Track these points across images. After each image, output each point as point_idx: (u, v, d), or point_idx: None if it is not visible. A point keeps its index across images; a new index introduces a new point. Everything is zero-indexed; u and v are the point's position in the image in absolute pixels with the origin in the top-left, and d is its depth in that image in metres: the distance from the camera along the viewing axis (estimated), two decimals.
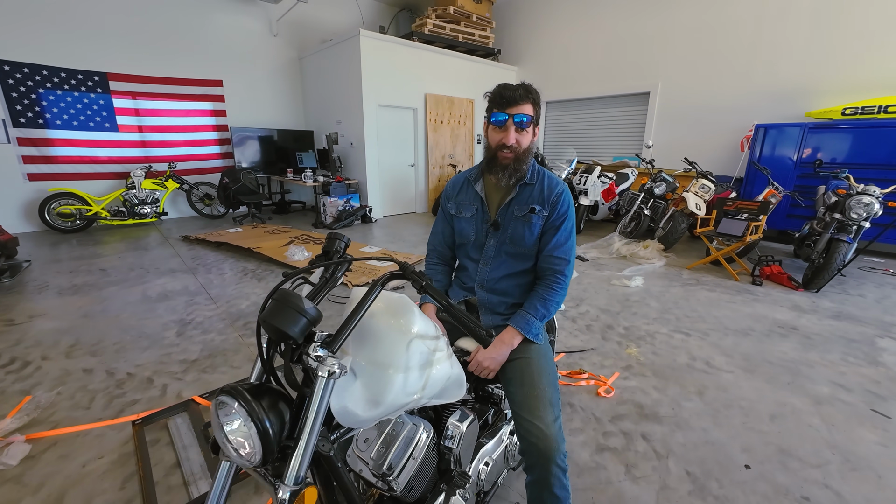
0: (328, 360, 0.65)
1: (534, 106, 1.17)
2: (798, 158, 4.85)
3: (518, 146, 1.19)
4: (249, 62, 6.96)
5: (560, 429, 1.05)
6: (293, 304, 0.63)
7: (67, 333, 2.66)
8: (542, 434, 1.01)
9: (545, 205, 1.24)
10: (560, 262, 1.24)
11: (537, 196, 1.25)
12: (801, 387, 2.17)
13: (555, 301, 1.23)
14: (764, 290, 3.64)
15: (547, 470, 1.02)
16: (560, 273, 1.24)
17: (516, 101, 1.14)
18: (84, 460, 1.62)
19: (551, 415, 1.05)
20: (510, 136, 1.17)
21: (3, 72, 5.14)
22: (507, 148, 1.18)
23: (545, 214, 1.24)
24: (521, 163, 1.22)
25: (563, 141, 7.93)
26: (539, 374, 1.12)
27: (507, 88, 1.16)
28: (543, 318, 1.22)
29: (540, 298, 1.23)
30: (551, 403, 1.07)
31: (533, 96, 1.17)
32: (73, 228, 5.52)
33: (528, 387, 1.10)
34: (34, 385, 2.11)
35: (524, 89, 1.16)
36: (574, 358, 2.46)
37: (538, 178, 1.28)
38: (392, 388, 0.78)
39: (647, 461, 1.65)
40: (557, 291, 1.23)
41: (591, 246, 4.96)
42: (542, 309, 1.21)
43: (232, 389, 0.63)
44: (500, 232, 1.29)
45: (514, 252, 1.29)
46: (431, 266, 1.44)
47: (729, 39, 5.61)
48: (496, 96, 1.17)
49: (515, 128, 1.16)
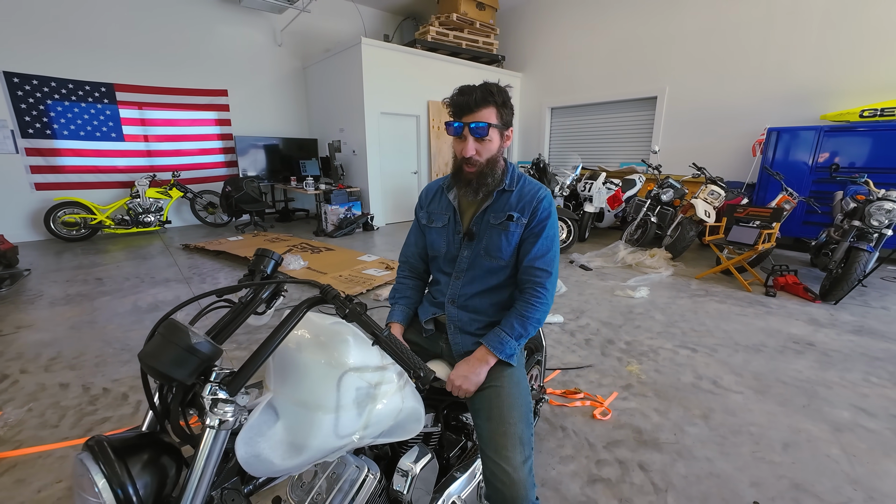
0: (220, 407, 0.54)
1: (498, 109, 1.03)
2: (813, 163, 4.64)
3: (479, 157, 1.06)
4: (254, 72, 7.02)
5: (530, 472, 0.92)
6: (179, 340, 0.53)
7: (51, 346, 2.61)
8: (508, 479, 0.89)
9: (524, 212, 1.12)
10: (541, 273, 1.10)
11: (515, 202, 1.13)
12: (819, 410, 1.99)
13: (534, 318, 1.09)
14: (778, 301, 3.43)
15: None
16: (541, 286, 1.10)
17: (471, 107, 1.01)
18: (41, 485, 1.54)
19: (521, 455, 0.92)
20: (468, 147, 1.04)
21: (13, 84, 5.25)
22: (468, 161, 1.06)
23: (524, 222, 1.12)
24: (486, 176, 1.09)
25: (568, 147, 7.79)
26: (510, 406, 0.99)
27: (464, 92, 1.02)
28: (520, 339, 1.09)
29: (518, 315, 1.09)
30: (521, 442, 0.94)
31: (495, 98, 1.02)
32: (77, 237, 5.56)
33: (495, 421, 0.97)
34: (7, 401, 2.05)
35: (482, 92, 1.01)
36: (570, 375, 2.31)
37: (517, 183, 1.16)
38: (319, 431, 0.67)
39: (643, 495, 1.50)
40: (538, 308, 1.09)
41: (595, 254, 4.79)
42: (520, 328, 1.08)
43: (96, 444, 0.52)
44: (474, 242, 1.16)
45: (490, 265, 1.15)
46: (402, 280, 1.33)
47: (739, 40, 5.44)
48: (451, 102, 1.04)
49: (474, 138, 1.03)
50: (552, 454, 1.70)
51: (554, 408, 2.01)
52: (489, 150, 1.06)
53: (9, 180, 5.37)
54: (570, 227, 5.05)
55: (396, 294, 1.30)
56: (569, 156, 7.23)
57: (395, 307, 1.27)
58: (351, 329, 0.77)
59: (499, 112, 1.04)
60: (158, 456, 0.56)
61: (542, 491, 1.52)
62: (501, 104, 1.04)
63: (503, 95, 1.05)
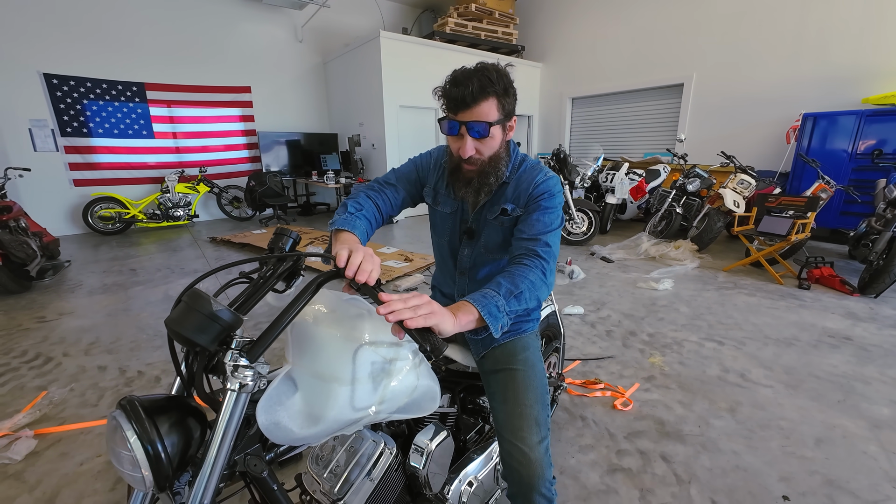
0: (241, 371, 0.56)
1: (500, 99, 0.88)
2: (853, 149, 4.38)
3: (480, 155, 0.94)
4: (276, 68, 7.15)
5: (546, 452, 0.91)
6: (202, 307, 0.55)
7: (90, 331, 2.76)
8: (525, 458, 0.88)
9: (519, 201, 1.00)
10: (534, 243, 0.92)
11: (511, 193, 1.01)
12: (855, 406, 1.90)
13: (526, 278, 0.85)
14: (812, 294, 3.28)
15: (530, 500, 0.89)
16: (534, 255, 0.90)
17: (468, 102, 0.86)
18: (83, 458, 1.63)
19: (536, 436, 0.91)
20: (466, 147, 0.90)
21: (52, 85, 5.52)
22: (468, 161, 0.94)
23: (518, 213, 1.00)
24: (489, 175, 0.97)
25: (589, 138, 7.61)
26: (524, 388, 0.98)
27: (458, 82, 0.86)
28: (509, 297, 0.81)
29: (506, 273, 0.87)
30: (537, 422, 0.94)
31: (496, 87, 0.87)
32: (112, 231, 5.84)
33: (511, 403, 0.96)
34: (51, 381, 2.18)
35: (480, 81, 0.85)
36: (590, 366, 2.28)
37: (518, 171, 1.02)
38: (335, 402, 0.69)
39: (665, 486, 1.47)
40: (531, 269, 0.88)
41: (617, 246, 4.69)
42: (508, 283, 0.83)
43: (128, 404, 0.55)
44: (473, 241, 1.08)
45: (494, 263, 1.10)
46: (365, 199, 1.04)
47: (773, 22, 5.16)
48: (444, 94, 0.89)
49: (472, 138, 0.90)
50: (571, 443, 1.69)
51: (573, 397, 1.99)
52: (491, 147, 0.93)
53: (50, 177, 5.68)
54: (592, 219, 4.95)
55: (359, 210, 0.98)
56: (590, 147, 7.06)
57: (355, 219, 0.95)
58: (366, 305, 0.78)
59: (500, 103, 0.89)
60: (185, 417, 0.59)
61: (561, 479, 1.50)
62: (503, 93, 0.89)
63: (504, 81, 0.89)
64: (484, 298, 0.79)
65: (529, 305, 0.84)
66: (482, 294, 0.81)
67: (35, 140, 5.53)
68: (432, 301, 0.70)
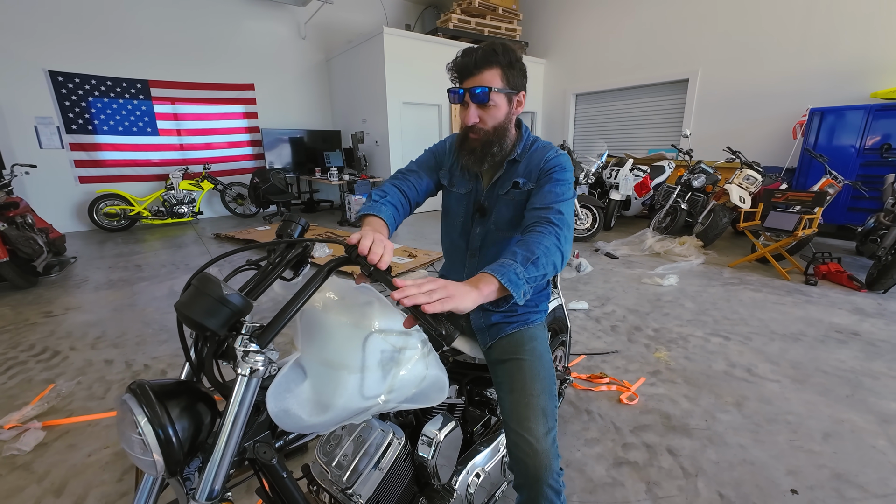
0: (251, 356, 0.56)
1: (503, 70, 0.92)
2: (861, 144, 4.33)
3: (483, 125, 0.96)
4: (279, 65, 7.15)
5: (554, 443, 0.91)
6: (212, 291, 0.55)
7: (96, 326, 2.77)
8: (532, 449, 0.88)
9: (531, 176, 1.02)
10: (546, 211, 0.92)
11: (523, 169, 1.03)
12: (863, 401, 1.88)
13: (540, 244, 0.83)
14: (819, 290, 3.25)
15: (536, 491, 0.88)
16: (547, 221, 0.90)
17: (472, 69, 0.92)
18: (90, 450, 1.64)
19: (543, 426, 0.91)
20: (470, 114, 0.94)
21: (57, 82, 5.54)
22: (472, 129, 0.97)
23: (530, 186, 1.01)
24: (492, 145, 0.99)
25: (593, 134, 7.58)
26: (532, 378, 0.98)
27: (466, 54, 0.93)
28: (527, 264, 0.80)
29: (521, 242, 0.86)
30: (545, 413, 0.93)
31: (499, 58, 0.91)
32: (117, 227, 5.87)
33: (517, 393, 0.96)
34: (59, 374, 2.20)
35: (484, 52, 0.91)
36: (595, 361, 2.27)
37: (529, 150, 1.05)
38: (344, 390, 0.68)
39: (672, 479, 1.46)
40: (544, 234, 0.87)
41: (621, 242, 4.67)
42: (523, 251, 0.82)
43: (138, 388, 0.55)
44: (485, 219, 1.09)
45: (503, 240, 1.10)
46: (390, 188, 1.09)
47: (779, 15, 5.11)
48: (453, 65, 0.95)
49: (476, 104, 0.94)
50: (577, 436, 1.68)
51: (579, 391, 1.98)
52: (494, 116, 0.96)
53: (56, 174, 5.70)
54: (595, 215, 4.93)
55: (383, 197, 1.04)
56: (594, 143, 7.04)
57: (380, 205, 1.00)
58: (375, 293, 0.77)
59: (504, 74, 0.93)
60: (195, 403, 0.59)
61: (567, 472, 1.50)
62: (507, 65, 0.93)
63: (510, 55, 0.93)
64: (502, 267, 0.78)
65: (547, 271, 0.83)
66: (499, 264, 0.79)
67: (41, 137, 5.56)
68: (448, 282, 0.68)
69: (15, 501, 1.41)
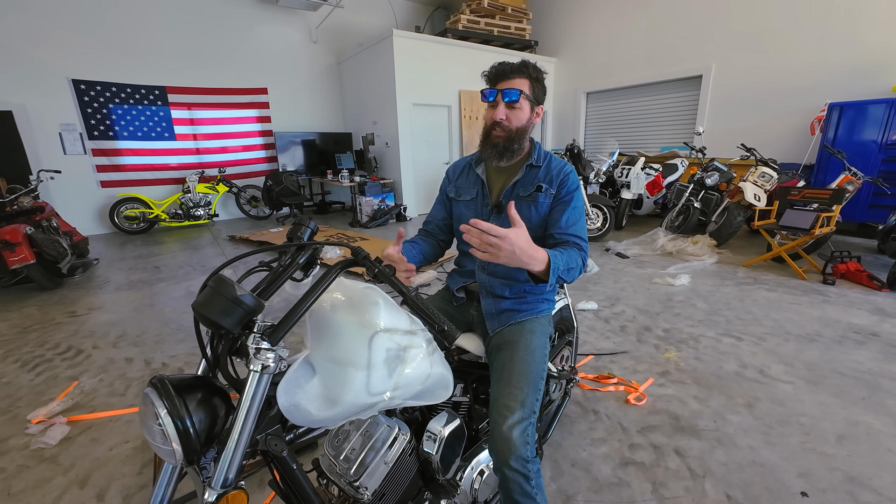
0: (263, 353, 0.60)
1: (531, 82, 1.10)
2: (884, 140, 4.21)
3: (509, 123, 1.12)
4: (291, 69, 7.27)
5: (524, 432, 0.94)
6: (227, 291, 0.58)
7: (117, 325, 2.88)
8: (499, 434, 0.94)
9: (552, 183, 1.17)
10: (575, 238, 1.11)
11: (543, 175, 1.18)
12: (881, 403, 1.84)
13: (571, 257, 1.01)
14: (837, 290, 3.18)
15: (504, 474, 0.93)
16: (578, 248, 1.08)
17: (507, 74, 1.10)
18: (112, 444, 1.72)
19: (517, 416, 0.96)
20: (499, 111, 1.10)
21: (80, 90, 5.74)
22: (499, 126, 1.12)
23: (552, 192, 1.16)
24: (513, 142, 1.14)
25: (604, 133, 7.51)
26: (519, 371, 1.04)
27: (502, 63, 1.12)
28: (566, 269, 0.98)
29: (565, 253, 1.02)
30: (522, 404, 0.98)
31: (530, 72, 1.10)
32: (137, 230, 6.05)
33: (503, 383, 1.02)
34: (82, 372, 2.29)
35: (519, 64, 1.11)
36: (603, 361, 2.27)
37: (545, 160, 1.21)
38: (351, 386, 0.72)
39: (679, 480, 1.46)
40: (574, 252, 1.04)
41: (632, 242, 4.62)
42: (566, 258, 0.99)
43: (158, 382, 0.59)
44: (503, 215, 1.19)
45: None
46: (416, 237, 1.35)
47: (796, 9, 5.00)
48: (489, 72, 1.13)
49: (505, 104, 1.10)
50: (583, 436, 1.69)
51: (586, 392, 1.99)
52: (519, 118, 1.12)
53: (80, 179, 5.91)
54: (606, 215, 4.89)
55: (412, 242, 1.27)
56: (605, 142, 6.97)
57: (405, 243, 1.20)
58: (381, 293, 0.80)
59: (532, 85, 1.11)
60: (211, 396, 0.63)
61: (573, 471, 1.51)
62: (535, 79, 1.11)
63: (538, 72, 1.13)
64: (556, 254, 0.96)
65: (568, 279, 1.01)
66: (557, 251, 0.98)
67: (65, 144, 5.76)
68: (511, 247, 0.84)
69: (43, 492, 1.48)
